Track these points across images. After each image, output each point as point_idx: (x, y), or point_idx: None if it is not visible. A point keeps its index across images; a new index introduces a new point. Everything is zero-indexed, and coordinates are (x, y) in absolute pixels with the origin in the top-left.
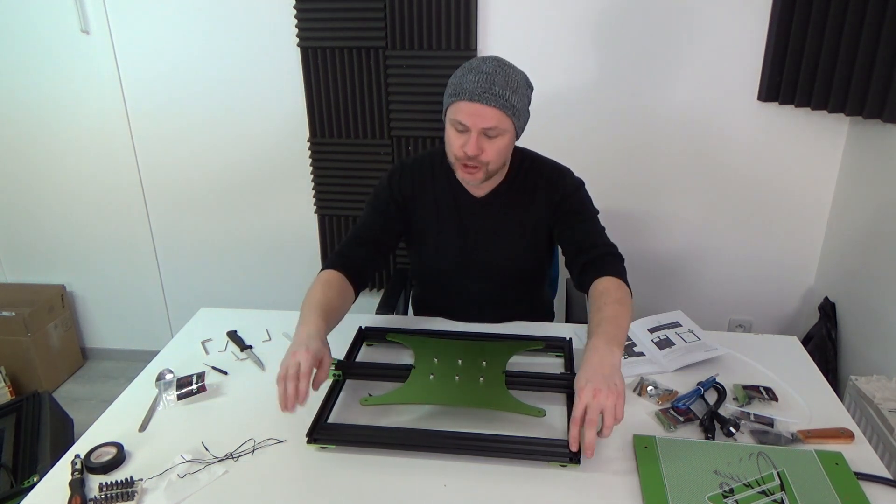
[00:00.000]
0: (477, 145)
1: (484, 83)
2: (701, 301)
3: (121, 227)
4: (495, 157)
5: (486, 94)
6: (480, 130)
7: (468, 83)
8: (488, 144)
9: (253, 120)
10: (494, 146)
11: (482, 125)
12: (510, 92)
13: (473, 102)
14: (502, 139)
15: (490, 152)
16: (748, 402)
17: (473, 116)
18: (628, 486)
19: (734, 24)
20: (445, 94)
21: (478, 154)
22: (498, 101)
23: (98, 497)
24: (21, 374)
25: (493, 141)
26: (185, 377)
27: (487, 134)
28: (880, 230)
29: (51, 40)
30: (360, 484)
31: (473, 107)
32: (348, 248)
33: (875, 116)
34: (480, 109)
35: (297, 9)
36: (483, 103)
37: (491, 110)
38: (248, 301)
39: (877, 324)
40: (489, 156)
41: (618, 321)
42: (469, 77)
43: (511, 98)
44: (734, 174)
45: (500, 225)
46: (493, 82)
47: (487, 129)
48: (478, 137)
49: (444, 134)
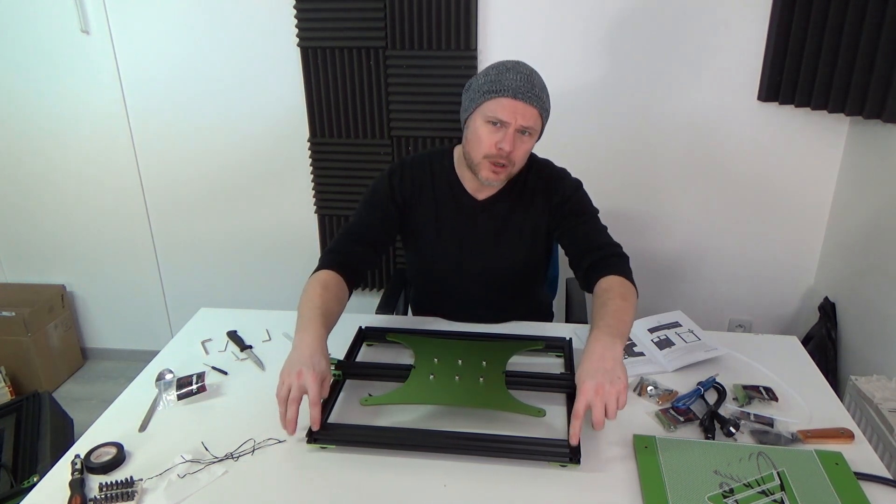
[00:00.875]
0: (513, 141)
1: (526, 82)
2: (701, 301)
3: (121, 227)
4: (522, 158)
5: (529, 94)
6: (519, 128)
7: (509, 81)
8: (520, 143)
9: (253, 120)
10: (524, 146)
11: (522, 122)
12: (545, 95)
13: (516, 100)
14: (531, 140)
15: (519, 151)
16: (748, 402)
17: (515, 113)
18: (628, 486)
19: (734, 24)
20: (476, 92)
21: (512, 150)
22: (537, 102)
23: (98, 497)
24: (21, 374)
25: (524, 140)
26: (185, 377)
27: (521, 133)
28: (880, 230)
29: (51, 40)
30: (359, 484)
31: (515, 104)
32: (342, 245)
33: (875, 116)
34: (522, 107)
35: (297, 9)
36: (525, 101)
37: (531, 109)
38: (248, 301)
39: (877, 324)
40: (518, 155)
41: (620, 315)
42: (509, 76)
43: (546, 101)
44: (734, 174)
45: (499, 228)
46: (533, 83)
47: (526, 127)
48: (514, 134)
49: (469, 133)
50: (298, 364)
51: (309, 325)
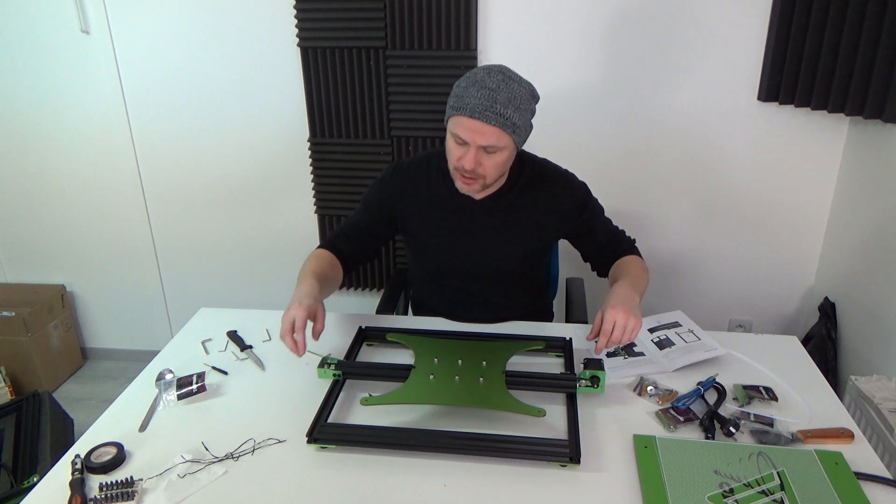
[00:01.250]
0: (475, 160)
1: (486, 100)
2: (701, 301)
3: (121, 227)
4: (492, 172)
5: (487, 112)
6: (479, 147)
7: (471, 98)
8: (486, 159)
9: (253, 120)
10: (492, 161)
11: (480, 142)
12: (512, 109)
13: (473, 119)
14: (501, 154)
15: (487, 166)
16: (748, 402)
17: (473, 133)
18: (628, 486)
19: (734, 24)
20: (448, 103)
21: (475, 168)
22: (498, 120)
23: (98, 497)
24: (21, 374)
25: (492, 156)
26: (185, 377)
27: (486, 150)
28: (880, 230)
29: (51, 40)
30: (359, 484)
31: (473, 123)
32: (337, 240)
33: (875, 116)
34: (480, 127)
35: (297, 9)
36: (483, 121)
37: (490, 128)
38: (248, 301)
39: (877, 324)
40: (486, 170)
41: (640, 281)
42: (472, 91)
43: (512, 116)
44: (734, 174)
45: (499, 228)
46: (496, 100)
47: (486, 147)
48: (476, 152)
49: (445, 140)
50: (290, 305)
51: (302, 282)
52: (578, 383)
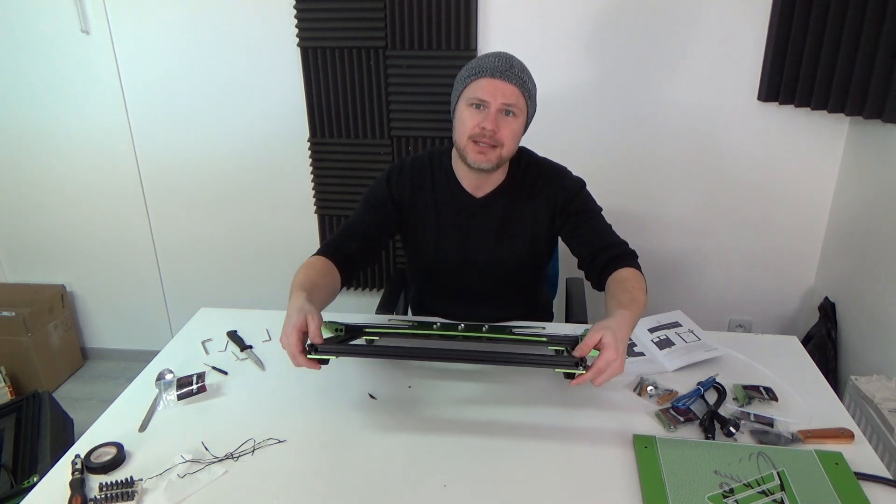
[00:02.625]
0: (496, 120)
1: (504, 63)
2: (701, 301)
3: (121, 227)
4: (510, 139)
5: (507, 73)
6: (500, 107)
7: (488, 63)
8: (504, 124)
9: (253, 120)
10: (510, 127)
11: (503, 100)
12: (526, 76)
13: (495, 78)
14: (517, 121)
15: (505, 133)
16: (748, 402)
17: (494, 91)
18: (628, 486)
19: (734, 24)
20: (459, 80)
21: (495, 130)
22: (517, 80)
23: (98, 497)
24: (21, 374)
25: (509, 121)
26: (185, 377)
27: (506, 111)
28: (880, 230)
29: (51, 40)
30: (359, 484)
31: (494, 83)
32: (339, 241)
33: (875, 116)
34: (501, 85)
35: (297, 9)
36: (504, 79)
37: (511, 87)
38: (248, 301)
39: (877, 324)
40: (505, 135)
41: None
42: (488, 59)
43: (527, 82)
44: (734, 174)
45: (499, 225)
46: (512, 64)
47: (508, 105)
48: (496, 113)
49: (456, 121)
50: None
51: (291, 297)
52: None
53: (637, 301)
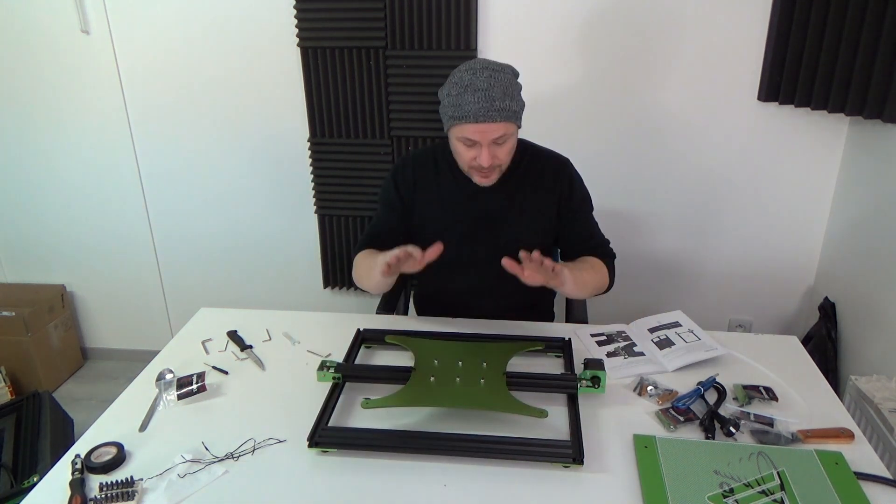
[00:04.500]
0: (490, 156)
1: (485, 101)
2: (701, 301)
3: (121, 227)
4: (506, 158)
5: (491, 112)
6: (490, 142)
7: (468, 105)
8: (499, 150)
9: (253, 120)
10: (504, 149)
11: (491, 138)
12: (509, 100)
13: (479, 123)
14: (510, 141)
15: (501, 156)
16: (748, 402)
17: (482, 134)
18: (628, 486)
19: (734, 24)
20: (444, 113)
21: (491, 161)
22: (501, 115)
23: (98, 497)
24: (21, 374)
25: (502, 146)
26: (185, 377)
27: (496, 142)
28: (880, 230)
29: (51, 40)
30: (359, 483)
31: (479, 126)
32: (369, 241)
33: (875, 116)
34: (486, 127)
35: (297, 9)
36: (488, 122)
37: (496, 126)
38: (248, 301)
39: (877, 324)
40: (501, 159)
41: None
42: (467, 98)
43: (510, 106)
44: (734, 174)
45: (504, 211)
46: (493, 98)
47: (496, 139)
48: (489, 148)
49: (450, 143)
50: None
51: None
52: (579, 383)
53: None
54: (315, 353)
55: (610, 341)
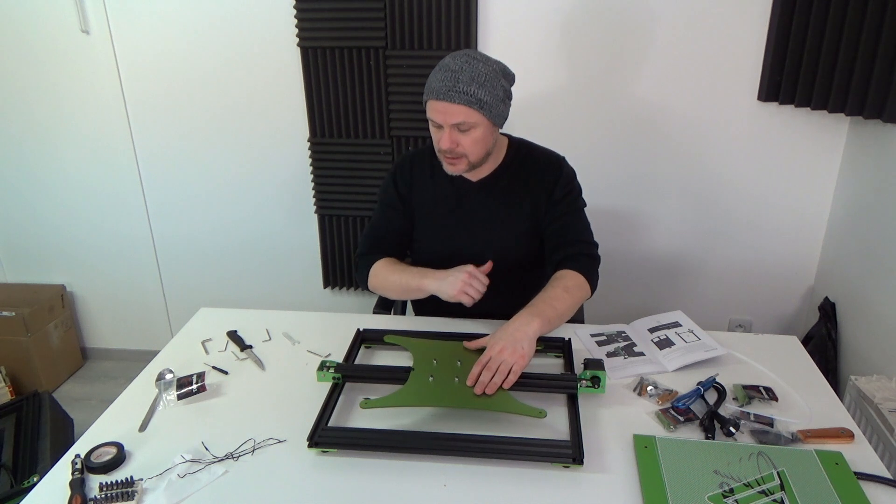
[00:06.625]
0: (450, 139)
1: (449, 81)
2: (701, 301)
3: (121, 227)
4: (472, 149)
5: (451, 92)
6: (451, 125)
7: (436, 82)
8: (462, 138)
9: (253, 120)
10: (469, 138)
11: (451, 121)
12: (476, 87)
13: (440, 101)
14: (476, 131)
15: (466, 145)
16: (748, 402)
17: (443, 114)
18: (628, 486)
19: (734, 24)
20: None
21: (454, 147)
22: (462, 98)
23: (98, 497)
24: (21, 374)
25: (467, 134)
26: (185, 377)
27: (459, 128)
28: (880, 230)
29: (51, 40)
30: (359, 483)
31: (440, 105)
32: (372, 244)
33: (875, 116)
34: (446, 107)
35: (297, 9)
36: (448, 101)
37: (456, 107)
38: (248, 301)
39: (877, 324)
40: (465, 148)
41: (552, 302)
42: (437, 76)
43: (477, 92)
44: (734, 174)
45: (498, 209)
46: (458, 80)
47: (457, 124)
48: (451, 132)
49: None
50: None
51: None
52: (579, 383)
53: (554, 308)
54: (315, 353)
55: (610, 341)
